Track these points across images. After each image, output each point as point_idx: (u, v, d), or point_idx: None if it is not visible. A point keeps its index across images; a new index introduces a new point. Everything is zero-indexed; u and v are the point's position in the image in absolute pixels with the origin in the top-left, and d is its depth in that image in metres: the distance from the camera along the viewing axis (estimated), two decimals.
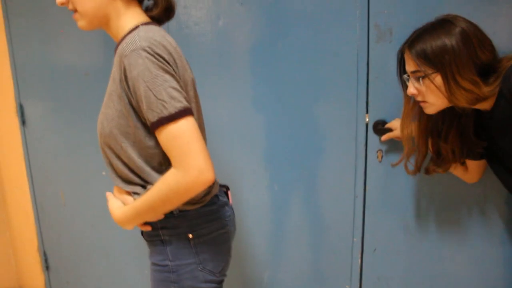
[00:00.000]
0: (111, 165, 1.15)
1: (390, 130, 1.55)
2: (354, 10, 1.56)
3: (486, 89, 1.16)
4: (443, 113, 1.32)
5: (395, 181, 1.63)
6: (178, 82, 1.01)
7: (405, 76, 1.31)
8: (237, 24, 1.70)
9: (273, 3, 1.64)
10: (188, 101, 1.02)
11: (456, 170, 1.47)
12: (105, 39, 1.90)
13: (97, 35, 1.91)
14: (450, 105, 1.24)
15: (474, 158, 1.38)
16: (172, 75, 1.00)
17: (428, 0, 1.49)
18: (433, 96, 1.22)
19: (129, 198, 1.14)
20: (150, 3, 1.17)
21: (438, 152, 1.40)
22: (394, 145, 1.60)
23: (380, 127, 1.58)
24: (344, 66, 1.60)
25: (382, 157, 1.63)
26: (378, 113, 1.59)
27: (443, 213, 1.60)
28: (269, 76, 1.69)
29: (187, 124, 0.98)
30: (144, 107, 0.99)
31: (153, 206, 1.06)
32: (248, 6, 1.67)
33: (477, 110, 1.30)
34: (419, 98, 1.26)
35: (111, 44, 1.27)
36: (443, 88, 1.18)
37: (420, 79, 1.21)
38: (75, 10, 1.10)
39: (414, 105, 1.35)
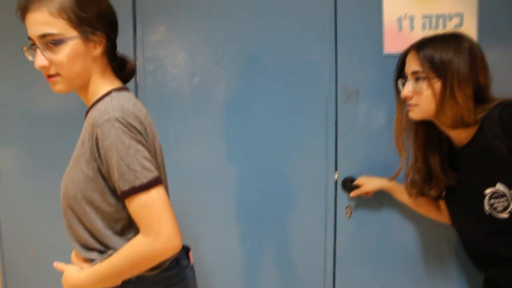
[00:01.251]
0: (71, 228, 1.14)
1: (358, 186, 1.59)
2: (323, 72, 1.64)
3: (472, 114, 1.20)
4: (434, 129, 1.34)
5: (365, 237, 1.66)
6: (149, 151, 1.04)
7: (400, 80, 1.34)
8: (211, 82, 1.76)
9: (246, 64, 1.71)
10: (157, 169, 1.05)
11: (430, 209, 1.50)
12: None
13: None
14: (434, 118, 1.27)
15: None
16: (143, 145, 1.03)
17: (393, 63, 1.58)
18: (425, 101, 1.25)
19: (86, 265, 1.12)
20: (116, 64, 1.20)
21: (429, 169, 1.39)
22: (363, 201, 1.64)
23: (348, 184, 1.62)
24: (314, 124, 1.66)
25: (351, 213, 1.66)
26: (346, 170, 1.64)
27: (414, 267, 1.63)
28: (242, 132, 1.74)
29: (157, 194, 1.01)
30: (115, 176, 1.01)
31: (118, 271, 1.05)
32: (222, 65, 1.74)
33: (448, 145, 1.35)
34: (411, 101, 1.29)
35: None
36: (438, 95, 1.22)
37: (421, 80, 1.25)
38: (56, 75, 1.09)
39: (407, 113, 1.36)
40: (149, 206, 1.00)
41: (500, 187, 1.19)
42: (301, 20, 1.65)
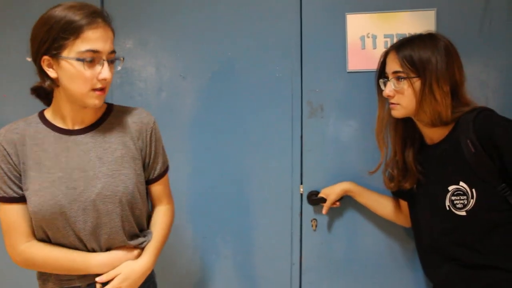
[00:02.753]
0: (123, 224, 1.19)
1: (323, 199, 1.63)
2: (289, 88, 1.67)
3: (449, 111, 1.27)
4: (412, 125, 1.41)
5: (331, 249, 1.70)
6: None
7: (381, 80, 1.39)
8: (178, 96, 1.77)
9: (214, 79, 1.73)
10: None
11: (391, 210, 1.56)
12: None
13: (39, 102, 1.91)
14: (414, 115, 1.33)
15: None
16: None
17: (356, 79, 1.63)
18: (406, 100, 1.31)
19: (135, 251, 1.23)
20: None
21: (404, 162, 1.45)
22: (328, 214, 1.67)
23: (313, 198, 1.66)
24: (280, 139, 1.69)
25: (316, 226, 1.69)
26: (312, 184, 1.68)
27: (380, 277, 1.68)
28: (208, 147, 1.75)
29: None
30: (158, 163, 1.30)
31: (166, 237, 1.32)
32: (189, 80, 1.75)
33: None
34: (393, 100, 1.35)
35: None
36: (418, 94, 1.28)
37: (401, 79, 1.30)
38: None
39: (388, 110, 1.42)
40: (168, 180, 1.37)
41: (463, 185, 1.26)
42: (268, 36, 1.68)
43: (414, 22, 1.61)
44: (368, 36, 1.63)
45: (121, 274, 1.17)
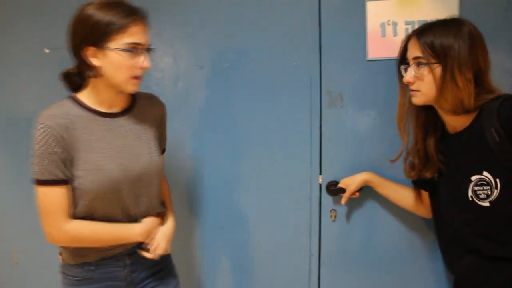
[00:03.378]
0: (156, 195, 1.40)
1: (342, 189, 1.61)
2: (307, 77, 1.65)
3: (472, 98, 1.23)
4: (434, 113, 1.37)
5: (350, 240, 1.68)
6: None
7: (402, 66, 1.36)
8: (195, 86, 1.76)
9: (229, 69, 1.71)
10: None
11: (411, 200, 1.53)
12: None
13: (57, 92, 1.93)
14: (434, 103, 1.30)
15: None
16: None
17: (376, 67, 1.60)
18: (426, 86, 1.28)
19: (158, 218, 1.42)
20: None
21: (426, 152, 1.42)
22: (347, 205, 1.66)
23: (333, 188, 1.64)
24: (299, 129, 1.67)
25: (335, 216, 1.68)
26: (331, 174, 1.66)
27: (399, 269, 1.66)
28: (225, 137, 1.74)
29: None
30: (164, 139, 1.50)
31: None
32: (206, 70, 1.74)
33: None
34: (413, 87, 1.32)
35: None
36: (439, 80, 1.24)
37: (422, 65, 1.27)
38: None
39: (409, 98, 1.38)
40: None
41: (486, 175, 1.22)
42: (285, 25, 1.65)
43: (436, 8, 1.56)
44: (388, 23, 1.60)
45: (160, 234, 1.38)
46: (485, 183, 1.23)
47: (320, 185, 1.67)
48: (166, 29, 1.76)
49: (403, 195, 1.55)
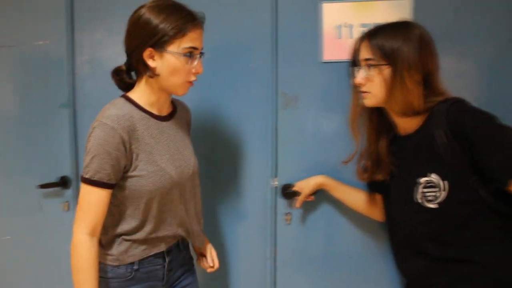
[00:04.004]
0: (200, 195, 1.44)
1: (297, 193, 1.60)
2: (262, 78, 1.63)
3: (422, 101, 1.24)
4: (386, 115, 1.37)
5: (305, 243, 1.66)
6: None
7: (355, 68, 1.35)
8: None
9: None
10: None
11: (365, 203, 1.53)
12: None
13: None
14: (385, 105, 1.30)
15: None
16: None
17: (332, 69, 1.59)
18: (377, 88, 1.28)
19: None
20: None
21: (378, 153, 1.42)
22: (302, 208, 1.64)
23: (288, 191, 1.62)
24: (254, 131, 1.65)
25: (291, 219, 1.66)
26: (286, 177, 1.64)
27: (355, 271, 1.65)
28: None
29: None
30: None
31: None
32: None
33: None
34: (364, 88, 1.31)
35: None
36: (388, 82, 1.25)
37: (372, 67, 1.27)
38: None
39: (362, 99, 1.37)
40: None
41: (434, 177, 1.23)
42: (241, 26, 1.64)
43: (391, 11, 1.57)
44: (344, 26, 1.60)
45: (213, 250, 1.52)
46: (433, 185, 1.23)
47: (276, 188, 1.65)
48: (121, 28, 1.72)
49: (357, 198, 1.55)
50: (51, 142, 1.81)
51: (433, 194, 1.23)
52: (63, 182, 1.79)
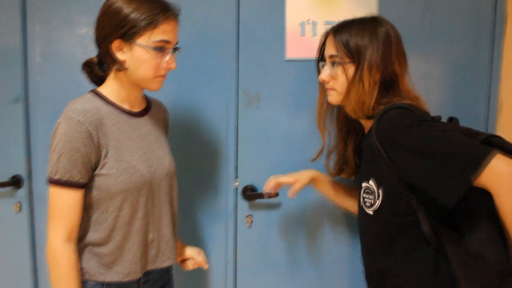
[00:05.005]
0: (177, 198, 1.35)
1: (259, 194, 1.55)
2: (224, 76, 1.57)
3: (373, 102, 1.17)
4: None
5: (266, 246, 1.63)
6: None
7: (321, 63, 1.30)
8: None
9: None
10: None
11: (348, 199, 1.47)
12: None
13: None
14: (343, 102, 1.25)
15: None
16: None
17: (295, 68, 1.55)
18: (340, 86, 1.23)
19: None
20: None
21: (345, 152, 1.39)
22: (263, 210, 1.60)
23: (249, 193, 1.57)
24: (214, 131, 1.59)
25: (252, 222, 1.62)
26: (247, 178, 1.59)
27: (317, 271, 1.63)
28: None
29: None
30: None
31: None
32: None
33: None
34: (328, 85, 1.26)
35: None
36: (350, 80, 1.19)
37: (336, 64, 1.22)
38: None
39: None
40: None
41: (371, 183, 1.18)
42: (202, 21, 1.56)
43: (356, 8, 1.54)
44: (308, 23, 1.55)
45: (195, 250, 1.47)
46: (370, 191, 1.19)
47: (236, 189, 1.61)
48: (76, 19, 1.63)
49: (341, 193, 1.48)
50: (2, 138, 1.71)
51: (370, 200, 1.19)
52: (15, 182, 1.69)
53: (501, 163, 0.94)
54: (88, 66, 1.25)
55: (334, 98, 1.27)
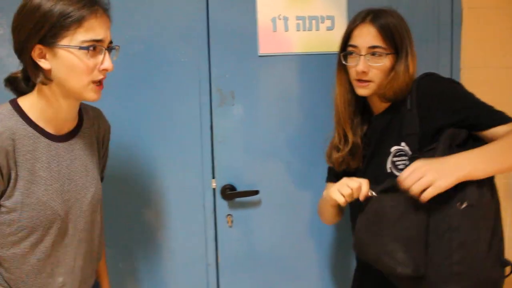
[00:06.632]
0: (100, 233, 1.20)
1: (239, 193, 1.52)
2: (195, 74, 1.53)
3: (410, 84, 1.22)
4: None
5: (248, 245, 1.60)
6: None
7: (350, 55, 1.25)
8: None
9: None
10: None
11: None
12: None
13: None
14: (378, 92, 1.24)
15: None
16: None
17: (269, 63, 1.53)
18: (381, 76, 1.22)
19: None
20: None
21: (354, 143, 1.34)
22: (243, 208, 1.58)
23: (228, 192, 1.54)
24: (188, 131, 1.55)
25: (232, 221, 1.58)
26: (225, 177, 1.56)
27: (301, 270, 1.63)
28: (115, 138, 1.55)
29: None
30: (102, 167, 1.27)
31: None
32: None
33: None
34: (366, 77, 1.23)
35: None
36: (394, 69, 1.22)
37: (376, 54, 1.21)
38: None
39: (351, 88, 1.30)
40: None
41: (404, 146, 1.21)
42: (170, 18, 1.51)
43: (326, 4, 1.55)
44: (279, 18, 1.54)
45: None
46: (403, 153, 1.21)
47: (214, 189, 1.57)
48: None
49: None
50: None
51: (403, 162, 1.20)
52: None
53: None
54: (10, 83, 1.06)
55: (368, 90, 1.25)
